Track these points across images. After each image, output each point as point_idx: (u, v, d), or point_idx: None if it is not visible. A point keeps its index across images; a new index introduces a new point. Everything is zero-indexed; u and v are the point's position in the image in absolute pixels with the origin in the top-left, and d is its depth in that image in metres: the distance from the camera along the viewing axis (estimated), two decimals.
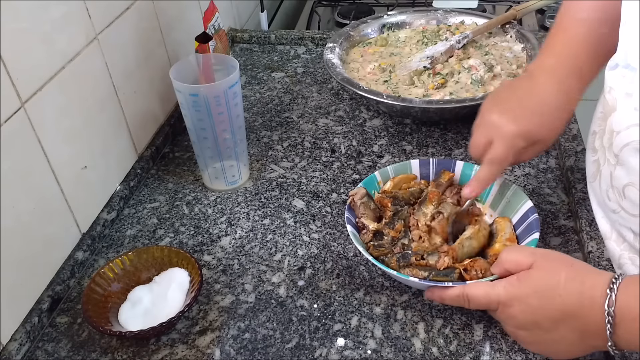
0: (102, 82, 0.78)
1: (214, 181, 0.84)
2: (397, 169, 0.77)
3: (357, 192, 0.72)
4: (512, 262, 0.58)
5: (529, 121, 0.66)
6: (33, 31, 0.64)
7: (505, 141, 0.66)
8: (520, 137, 0.66)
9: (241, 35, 1.25)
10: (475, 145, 0.69)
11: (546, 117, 0.67)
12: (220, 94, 0.74)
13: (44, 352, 0.65)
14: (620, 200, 0.59)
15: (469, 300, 0.59)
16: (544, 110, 0.67)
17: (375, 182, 0.76)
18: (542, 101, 0.67)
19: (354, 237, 0.67)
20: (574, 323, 0.54)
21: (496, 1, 1.45)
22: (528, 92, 0.68)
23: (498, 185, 0.73)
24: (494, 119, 0.67)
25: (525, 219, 0.67)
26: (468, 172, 0.75)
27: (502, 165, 0.67)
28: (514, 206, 0.70)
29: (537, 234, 0.64)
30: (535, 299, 0.55)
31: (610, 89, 0.59)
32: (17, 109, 0.62)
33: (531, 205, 0.68)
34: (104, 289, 0.67)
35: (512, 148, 0.66)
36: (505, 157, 0.66)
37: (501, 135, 0.66)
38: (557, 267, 0.56)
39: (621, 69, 0.58)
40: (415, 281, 0.62)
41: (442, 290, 0.61)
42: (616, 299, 0.50)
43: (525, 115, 0.66)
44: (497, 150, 0.66)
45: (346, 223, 0.69)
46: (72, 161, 0.73)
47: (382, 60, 1.04)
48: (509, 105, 0.68)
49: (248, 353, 0.63)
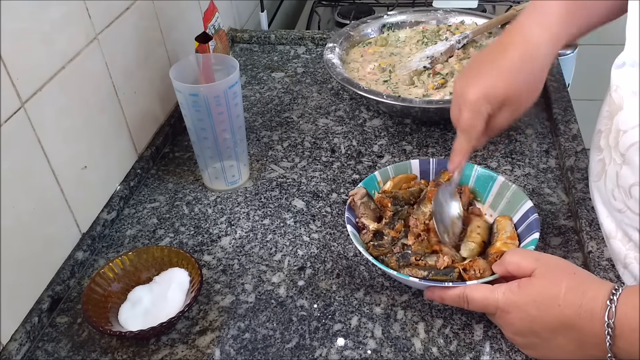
0: (102, 82, 0.78)
1: (214, 181, 0.84)
2: (397, 169, 0.77)
3: (357, 192, 0.72)
4: (514, 265, 0.58)
5: (491, 81, 0.64)
6: (33, 31, 0.64)
7: (469, 107, 0.64)
8: (482, 99, 0.63)
9: (241, 35, 1.25)
10: (452, 115, 0.68)
11: (510, 75, 0.64)
12: (220, 94, 0.74)
13: (44, 352, 0.65)
14: (626, 200, 0.59)
15: (468, 302, 0.59)
16: (507, 66, 0.64)
17: (375, 182, 0.76)
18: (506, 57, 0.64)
19: (354, 237, 0.67)
20: (572, 334, 0.53)
21: (496, 1, 1.45)
22: (494, 51, 0.66)
23: (498, 185, 0.73)
24: (457, 88, 0.66)
25: (526, 219, 0.67)
26: (468, 173, 0.75)
27: (471, 132, 0.65)
28: (514, 206, 0.70)
29: (537, 233, 0.64)
30: (534, 308, 0.55)
31: (617, 87, 0.59)
32: (17, 109, 0.62)
33: (531, 205, 0.68)
34: (104, 289, 0.67)
35: (477, 112, 0.64)
36: (472, 123, 0.65)
37: (465, 102, 0.65)
38: (559, 276, 0.55)
39: (628, 67, 0.58)
40: (415, 281, 0.62)
41: (442, 290, 0.61)
42: (616, 311, 0.50)
43: (487, 75, 0.64)
44: (463, 117, 0.65)
45: (346, 223, 0.69)
46: (72, 161, 0.73)
47: (382, 60, 1.04)
48: (472, 71, 0.67)
49: (248, 353, 0.63)
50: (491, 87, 0.63)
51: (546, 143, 0.90)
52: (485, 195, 0.74)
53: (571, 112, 0.92)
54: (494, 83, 0.63)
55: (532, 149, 0.89)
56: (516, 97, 0.64)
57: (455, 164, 0.68)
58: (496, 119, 0.66)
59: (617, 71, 0.59)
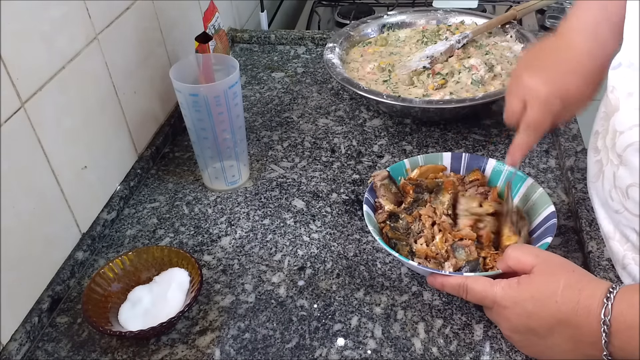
0: (102, 82, 0.78)
1: (214, 181, 0.84)
2: (427, 159, 0.77)
3: (379, 174, 0.72)
4: (514, 260, 0.58)
5: (564, 80, 0.63)
6: (33, 31, 0.64)
7: (541, 103, 0.63)
8: (556, 97, 0.63)
9: (241, 35, 1.25)
10: (510, 111, 0.66)
11: (581, 77, 0.64)
12: (220, 94, 0.74)
13: (44, 352, 0.65)
14: (623, 201, 0.59)
15: (467, 292, 0.60)
16: (578, 69, 0.64)
17: (403, 169, 0.77)
18: (577, 60, 0.64)
19: (368, 216, 0.68)
20: (568, 331, 0.53)
21: (496, 1, 1.45)
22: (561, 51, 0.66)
23: (526, 186, 0.72)
24: (526, 82, 0.65)
25: (545, 223, 0.67)
26: (499, 170, 0.75)
27: (539, 129, 0.65)
28: (537, 209, 0.70)
29: (549, 238, 0.64)
30: (531, 304, 0.55)
31: (613, 88, 0.59)
32: (17, 109, 0.62)
33: (553, 210, 0.67)
34: (104, 289, 0.67)
35: (549, 110, 0.63)
36: (542, 120, 0.64)
37: (536, 97, 0.63)
38: (558, 272, 0.55)
39: (624, 68, 0.58)
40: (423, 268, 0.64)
41: (443, 277, 0.62)
42: (612, 308, 0.50)
43: (559, 74, 0.64)
44: (532, 114, 0.64)
45: (363, 203, 0.70)
46: (72, 161, 0.73)
47: (382, 60, 1.04)
48: (542, 65, 0.65)
49: (248, 353, 0.63)
50: (565, 87, 0.63)
51: (546, 143, 0.90)
52: (513, 195, 0.74)
53: None
54: (569, 83, 0.63)
55: (532, 148, 0.89)
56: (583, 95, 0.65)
57: (516, 158, 0.68)
58: (559, 116, 0.65)
59: (614, 72, 0.59)
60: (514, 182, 0.73)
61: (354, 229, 0.77)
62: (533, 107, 0.64)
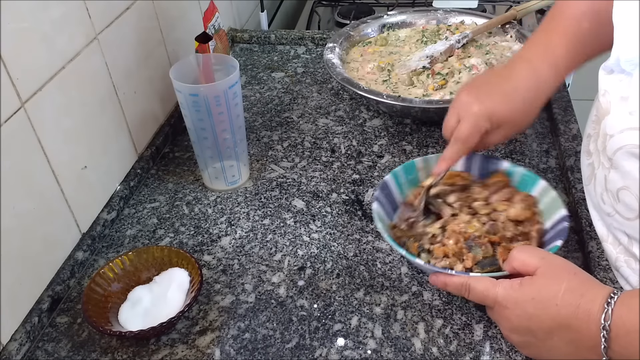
0: (102, 82, 0.78)
1: (214, 181, 0.84)
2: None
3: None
4: (519, 261, 0.58)
5: (495, 102, 0.67)
6: (33, 31, 0.64)
7: (470, 119, 0.67)
8: (484, 116, 0.67)
9: (241, 35, 1.25)
10: (446, 124, 0.71)
11: (514, 101, 0.68)
12: (220, 94, 0.74)
13: (44, 352, 0.65)
14: (614, 204, 0.59)
15: (469, 291, 0.60)
16: (512, 93, 0.68)
17: (414, 168, 0.76)
18: (512, 85, 0.68)
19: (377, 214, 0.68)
20: (567, 334, 0.53)
21: (496, 1, 1.45)
22: (501, 76, 0.70)
23: (539, 189, 0.72)
24: (462, 98, 0.69)
25: (556, 226, 0.67)
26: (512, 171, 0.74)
27: (466, 144, 0.69)
28: (549, 213, 0.69)
29: (559, 241, 0.63)
30: (531, 306, 0.55)
31: (605, 92, 0.59)
32: (17, 109, 0.62)
33: (564, 214, 0.67)
34: (104, 289, 0.67)
35: (476, 127, 0.67)
36: (468, 135, 0.68)
37: (467, 114, 0.68)
38: (560, 276, 0.55)
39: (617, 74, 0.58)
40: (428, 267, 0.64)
41: (447, 276, 0.61)
42: (612, 313, 0.50)
43: (492, 96, 0.68)
44: (462, 129, 0.68)
45: (372, 202, 0.70)
46: (72, 161, 0.73)
47: (381, 60, 1.04)
48: (480, 86, 0.70)
49: (248, 353, 0.63)
50: (494, 108, 0.67)
51: (546, 143, 0.90)
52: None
53: (571, 112, 0.92)
54: (498, 105, 0.68)
55: (532, 149, 0.89)
56: (514, 121, 0.69)
57: (441, 169, 0.71)
58: (490, 136, 0.69)
59: (606, 77, 0.59)
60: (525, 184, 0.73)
61: (354, 229, 0.77)
62: (464, 122, 0.68)
